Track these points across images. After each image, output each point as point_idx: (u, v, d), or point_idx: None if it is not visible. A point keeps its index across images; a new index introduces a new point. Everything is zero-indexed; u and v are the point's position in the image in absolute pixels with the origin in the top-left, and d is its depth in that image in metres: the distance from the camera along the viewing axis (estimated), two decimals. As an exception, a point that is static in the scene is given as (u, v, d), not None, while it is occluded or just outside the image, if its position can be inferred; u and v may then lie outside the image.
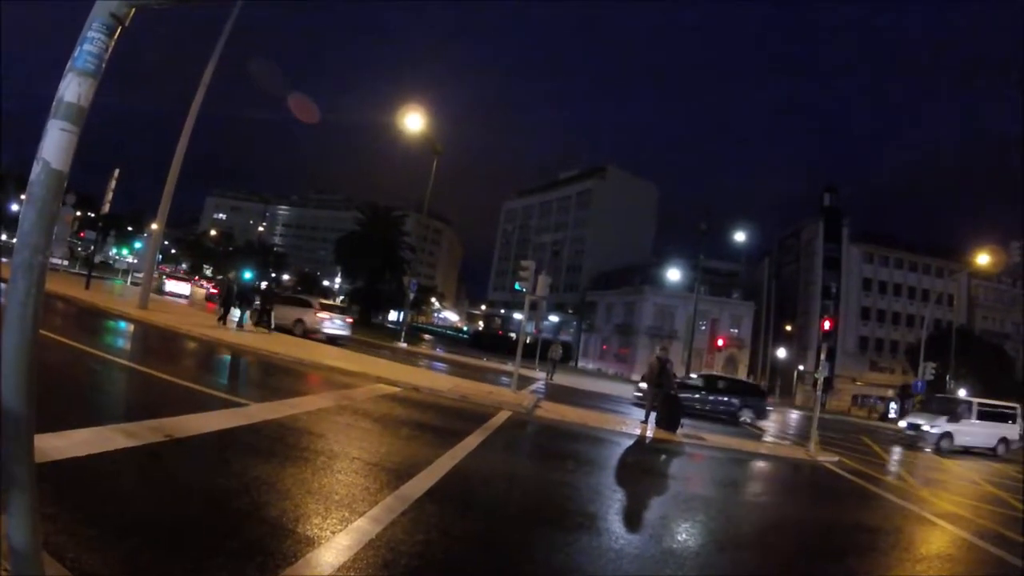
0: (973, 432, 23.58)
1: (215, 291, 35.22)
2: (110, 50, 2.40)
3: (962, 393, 53.41)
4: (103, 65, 2.38)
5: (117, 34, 2.41)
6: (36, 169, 2.24)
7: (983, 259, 33.24)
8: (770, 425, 23.53)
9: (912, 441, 23.26)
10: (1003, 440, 23.87)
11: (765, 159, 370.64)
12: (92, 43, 2.35)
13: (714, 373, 30.77)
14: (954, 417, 23.77)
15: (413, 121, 23.38)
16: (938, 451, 21.87)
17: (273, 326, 21.86)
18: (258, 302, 22.27)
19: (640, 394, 21.22)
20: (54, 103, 2.30)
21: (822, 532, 7.71)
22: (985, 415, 24.10)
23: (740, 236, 38.90)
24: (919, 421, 23.62)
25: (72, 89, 2.32)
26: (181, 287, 39.98)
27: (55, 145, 2.27)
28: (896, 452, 20.83)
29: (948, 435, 22.76)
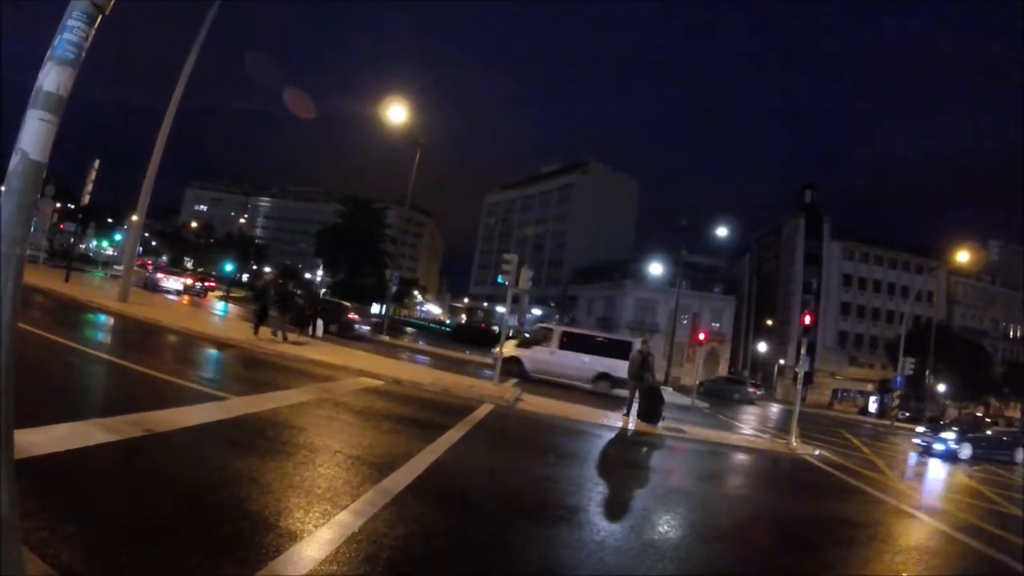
0: (553, 361, 21.86)
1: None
2: (90, 39, 2.37)
3: (940, 388, 54.28)
4: (83, 54, 2.35)
5: (97, 23, 2.39)
6: (15, 160, 2.21)
7: (962, 257, 33.22)
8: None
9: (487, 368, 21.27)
10: (604, 376, 21.53)
11: (746, 155, 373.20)
12: (72, 32, 2.32)
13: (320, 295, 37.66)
14: (526, 343, 22.65)
15: (396, 113, 23.19)
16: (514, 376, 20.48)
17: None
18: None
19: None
20: (33, 92, 2.27)
21: (801, 524, 7.82)
22: (574, 344, 22.28)
23: (722, 231, 39.22)
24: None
25: (51, 78, 2.29)
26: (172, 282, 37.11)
27: (34, 135, 2.24)
28: (873, 445, 21.11)
29: (515, 360, 21.19)
